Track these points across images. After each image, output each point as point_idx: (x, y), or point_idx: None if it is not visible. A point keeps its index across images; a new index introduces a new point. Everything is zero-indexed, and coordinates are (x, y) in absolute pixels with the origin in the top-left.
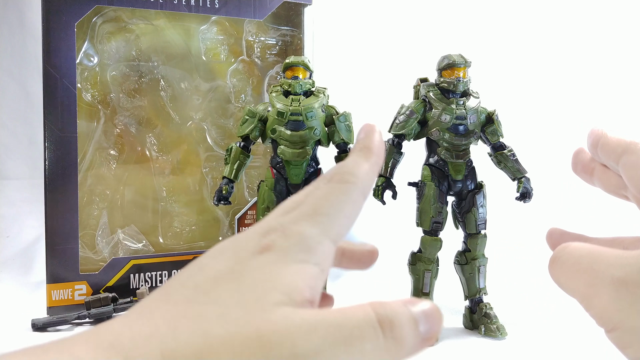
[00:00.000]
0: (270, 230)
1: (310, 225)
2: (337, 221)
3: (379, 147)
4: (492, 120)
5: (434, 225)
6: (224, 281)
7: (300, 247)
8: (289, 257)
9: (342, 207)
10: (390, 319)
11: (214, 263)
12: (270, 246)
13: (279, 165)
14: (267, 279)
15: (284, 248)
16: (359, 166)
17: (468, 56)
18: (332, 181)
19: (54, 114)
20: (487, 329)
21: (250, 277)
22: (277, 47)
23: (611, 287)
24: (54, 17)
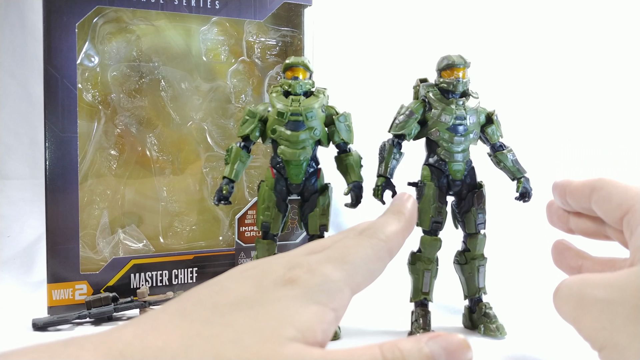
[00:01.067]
0: (296, 266)
1: (335, 270)
2: (360, 272)
3: (411, 213)
4: (492, 121)
5: (434, 225)
6: (242, 307)
7: (323, 288)
8: (310, 296)
9: (368, 260)
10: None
11: (236, 287)
12: (295, 280)
13: (279, 165)
14: (285, 314)
15: (307, 285)
16: (390, 226)
17: (467, 57)
18: (362, 235)
19: (55, 114)
20: (487, 329)
21: (269, 307)
22: (277, 47)
23: (595, 308)
24: (55, 18)
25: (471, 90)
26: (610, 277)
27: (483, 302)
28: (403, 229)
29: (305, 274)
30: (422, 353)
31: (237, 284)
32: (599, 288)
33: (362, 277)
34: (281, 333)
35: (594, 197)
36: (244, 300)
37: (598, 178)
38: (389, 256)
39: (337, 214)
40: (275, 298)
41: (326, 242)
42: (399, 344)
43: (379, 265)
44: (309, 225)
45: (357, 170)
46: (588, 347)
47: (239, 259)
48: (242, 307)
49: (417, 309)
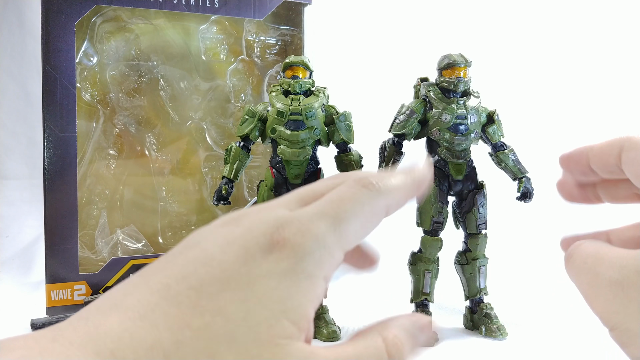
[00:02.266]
0: (284, 224)
1: (328, 230)
2: (355, 231)
3: (422, 173)
4: (493, 120)
5: (435, 225)
6: (230, 286)
7: (314, 257)
8: (301, 269)
9: (363, 217)
10: (398, 349)
11: (220, 255)
12: (283, 245)
13: (279, 165)
14: (277, 299)
15: (297, 253)
16: (393, 180)
17: (468, 56)
18: (360, 185)
19: (53, 113)
20: (488, 330)
21: (259, 289)
22: (277, 46)
23: (608, 289)
24: (54, 17)
25: (472, 89)
26: (625, 256)
27: (484, 302)
28: (407, 186)
29: (294, 236)
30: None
31: (221, 249)
32: (614, 268)
33: (355, 237)
34: (278, 331)
35: (625, 158)
36: (231, 277)
37: (626, 137)
38: (385, 213)
39: None
40: (263, 273)
41: (319, 188)
42: (395, 332)
43: (374, 222)
44: None
45: (357, 170)
46: (589, 348)
47: None
48: (230, 286)
49: (418, 310)
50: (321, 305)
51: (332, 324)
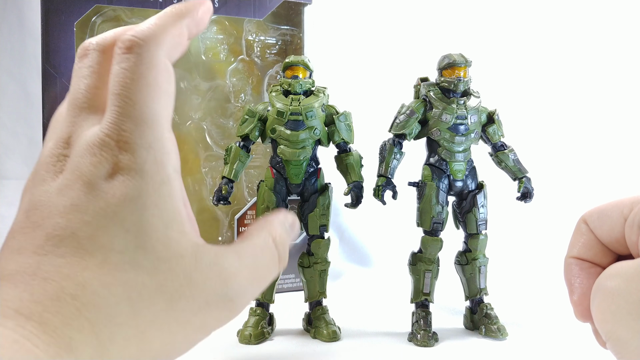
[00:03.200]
0: (103, 146)
1: (138, 127)
2: (154, 104)
3: (195, 11)
4: (493, 120)
5: (435, 226)
6: (101, 223)
7: (148, 158)
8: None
9: (152, 84)
10: (282, 251)
11: (69, 201)
12: (114, 166)
13: (279, 165)
14: (152, 221)
15: (131, 168)
16: (156, 23)
17: (469, 56)
18: (124, 51)
19: (53, 113)
20: (488, 330)
21: (129, 216)
22: (277, 46)
23: (602, 298)
24: (53, 17)
25: (472, 89)
26: (624, 266)
27: (484, 303)
28: (180, 26)
29: (121, 155)
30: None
31: (66, 195)
32: (611, 277)
33: (162, 106)
34: (175, 249)
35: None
36: (96, 214)
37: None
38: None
39: (337, 214)
40: (115, 200)
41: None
42: (277, 230)
43: (165, 77)
44: (308, 225)
45: (357, 170)
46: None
47: None
48: (101, 222)
49: (418, 310)
50: (321, 305)
51: (332, 324)
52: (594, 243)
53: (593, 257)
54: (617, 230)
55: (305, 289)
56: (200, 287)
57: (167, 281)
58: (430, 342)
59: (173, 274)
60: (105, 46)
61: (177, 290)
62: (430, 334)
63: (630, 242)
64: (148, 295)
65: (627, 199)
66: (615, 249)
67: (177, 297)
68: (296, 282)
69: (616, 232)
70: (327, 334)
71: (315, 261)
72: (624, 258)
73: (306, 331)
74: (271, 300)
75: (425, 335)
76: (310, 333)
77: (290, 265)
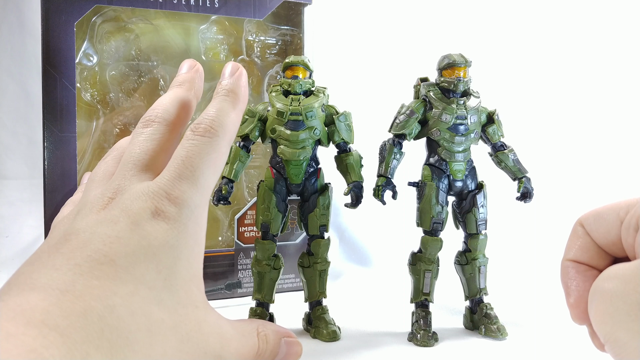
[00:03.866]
0: (155, 195)
1: (190, 188)
2: (210, 179)
3: (245, 93)
4: (493, 120)
5: (435, 226)
6: (140, 259)
7: (192, 222)
8: (185, 237)
9: (214, 165)
10: (265, 339)
11: (113, 233)
12: (162, 214)
13: (279, 165)
14: (184, 268)
15: (177, 221)
16: (227, 116)
17: (468, 56)
18: (202, 135)
19: (53, 113)
20: (488, 330)
21: (165, 259)
22: (277, 46)
23: (600, 300)
24: (54, 17)
25: (472, 89)
26: (621, 268)
27: (484, 302)
28: (239, 113)
29: (170, 207)
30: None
31: (110, 227)
32: (609, 279)
33: (212, 182)
34: (193, 296)
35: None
36: (137, 249)
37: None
38: (228, 147)
39: (337, 214)
40: (157, 243)
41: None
42: (270, 340)
43: (222, 162)
44: (308, 225)
45: (357, 170)
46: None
47: (238, 259)
48: (139, 258)
49: (418, 310)
50: (321, 306)
51: (332, 324)
52: (590, 246)
53: (589, 260)
54: (613, 233)
55: (305, 289)
56: (205, 337)
57: (182, 323)
58: (430, 342)
59: (187, 319)
60: (169, 121)
61: (188, 333)
62: (430, 334)
63: (626, 244)
64: (164, 331)
65: (624, 202)
66: (611, 251)
67: (187, 339)
68: (296, 282)
69: (612, 235)
70: (327, 333)
71: (315, 261)
72: (620, 260)
73: (306, 331)
74: (271, 300)
75: (425, 335)
76: (310, 333)
77: (290, 265)
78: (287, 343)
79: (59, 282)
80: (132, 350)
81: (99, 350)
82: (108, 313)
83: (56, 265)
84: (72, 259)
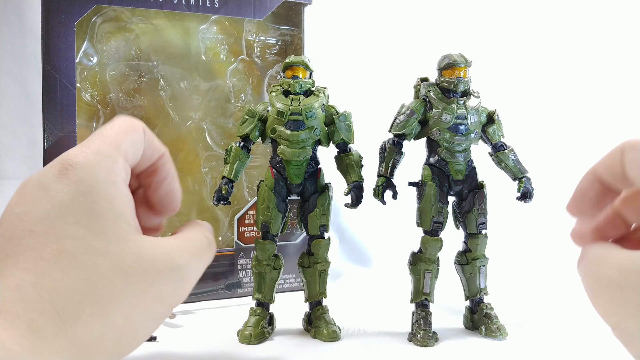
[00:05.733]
0: (59, 160)
1: (96, 141)
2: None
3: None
4: (493, 120)
5: (435, 225)
6: (54, 216)
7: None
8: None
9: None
10: (211, 239)
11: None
12: (66, 170)
13: (279, 165)
14: (105, 209)
15: (83, 169)
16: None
17: (468, 56)
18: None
19: (54, 113)
20: (488, 330)
21: (80, 208)
22: (277, 46)
23: (608, 289)
24: (54, 17)
25: (472, 89)
26: (628, 257)
27: (484, 302)
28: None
29: (75, 160)
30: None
31: (22, 203)
32: (615, 270)
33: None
34: (123, 231)
35: (626, 160)
36: (50, 210)
37: (626, 141)
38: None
39: (337, 214)
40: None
41: None
42: (207, 231)
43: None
44: (308, 225)
45: (357, 170)
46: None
47: (238, 259)
48: (53, 216)
49: (418, 310)
50: (321, 305)
51: (332, 324)
52: (618, 174)
53: (611, 183)
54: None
55: (305, 288)
56: (149, 261)
57: (120, 260)
58: (430, 342)
59: (124, 254)
60: None
61: (130, 266)
62: (430, 333)
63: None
64: (104, 273)
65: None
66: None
67: (131, 272)
68: (296, 282)
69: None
70: (327, 333)
71: (315, 261)
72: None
73: (306, 331)
74: (271, 300)
75: (425, 335)
76: (310, 333)
77: (290, 265)
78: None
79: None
80: (78, 303)
81: (44, 313)
82: (40, 278)
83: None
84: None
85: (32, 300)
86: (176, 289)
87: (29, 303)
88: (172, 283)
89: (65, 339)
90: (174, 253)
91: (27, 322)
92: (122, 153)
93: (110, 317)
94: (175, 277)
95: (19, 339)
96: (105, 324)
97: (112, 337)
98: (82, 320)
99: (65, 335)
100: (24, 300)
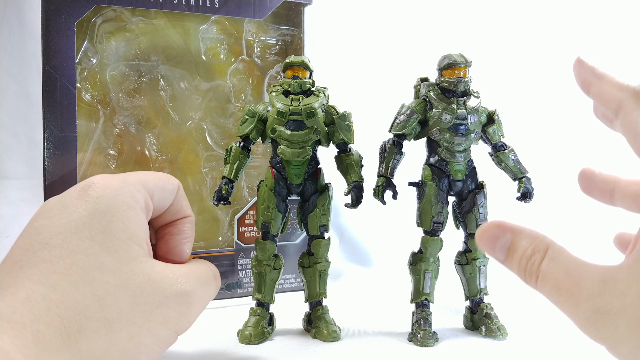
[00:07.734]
0: (85, 181)
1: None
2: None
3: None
4: (493, 120)
5: (435, 226)
6: (70, 230)
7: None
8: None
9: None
10: (216, 272)
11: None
12: (90, 185)
13: (279, 165)
14: (119, 230)
15: (105, 188)
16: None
17: (469, 56)
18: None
19: (54, 113)
20: (488, 330)
21: (97, 224)
22: (277, 46)
23: (593, 318)
24: (54, 17)
25: (472, 89)
26: (605, 279)
27: (484, 302)
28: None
29: (96, 181)
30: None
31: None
32: (595, 297)
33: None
34: (134, 253)
35: (621, 118)
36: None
37: (626, 91)
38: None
39: (337, 214)
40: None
41: None
42: (210, 265)
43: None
44: (308, 225)
45: (357, 170)
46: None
47: (238, 259)
48: (69, 231)
49: (418, 310)
50: (321, 305)
51: (332, 324)
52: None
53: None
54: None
55: (305, 289)
56: (158, 283)
57: (129, 280)
58: (430, 342)
59: (134, 274)
60: None
61: (139, 286)
62: (430, 334)
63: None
64: (113, 291)
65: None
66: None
67: (139, 292)
68: (296, 282)
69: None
70: (327, 333)
71: (315, 261)
72: None
73: (306, 331)
74: (271, 300)
75: (425, 335)
76: (310, 333)
77: (290, 265)
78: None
79: (4, 284)
80: (85, 317)
81: (51, 326)
82: (50, 291)
83: (3, 271)
84: (10, 258)
85: (40, 312)
86: (182, 314)
87: (37, 315)
88: (178, 307)
89: (69, 352)
90: (182, 279)
91: (34, 333)
92: (147, 188)
93: (115, 335)
94: (181, 302)
95: (23, 349)
96: (109, 342)
97: (115, 356)
98: (87, 336)
99: (70, 348)
100: (33, 312)
